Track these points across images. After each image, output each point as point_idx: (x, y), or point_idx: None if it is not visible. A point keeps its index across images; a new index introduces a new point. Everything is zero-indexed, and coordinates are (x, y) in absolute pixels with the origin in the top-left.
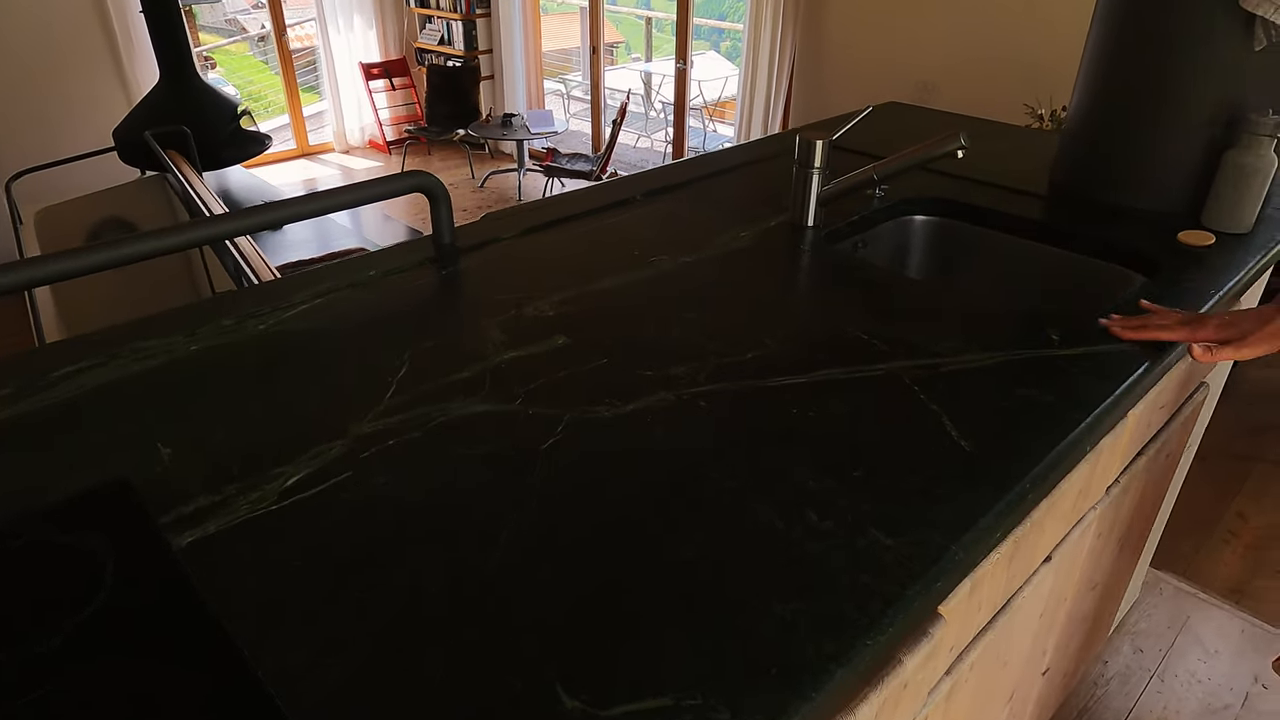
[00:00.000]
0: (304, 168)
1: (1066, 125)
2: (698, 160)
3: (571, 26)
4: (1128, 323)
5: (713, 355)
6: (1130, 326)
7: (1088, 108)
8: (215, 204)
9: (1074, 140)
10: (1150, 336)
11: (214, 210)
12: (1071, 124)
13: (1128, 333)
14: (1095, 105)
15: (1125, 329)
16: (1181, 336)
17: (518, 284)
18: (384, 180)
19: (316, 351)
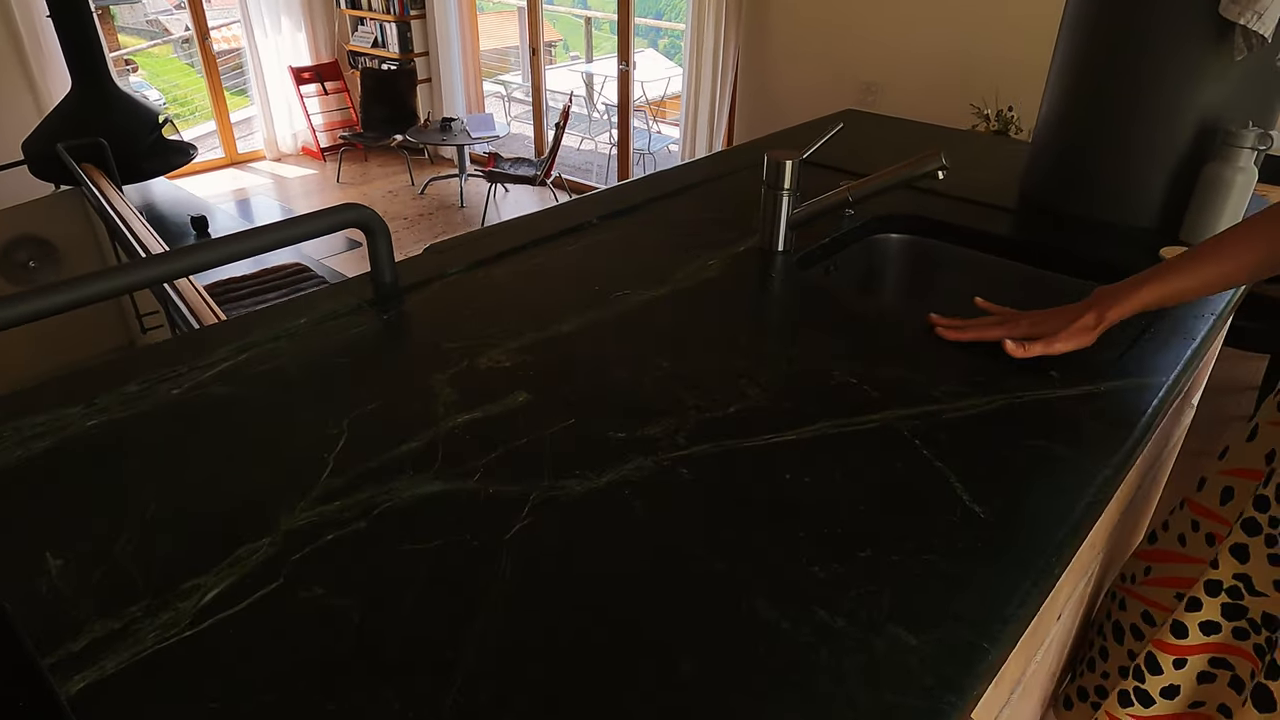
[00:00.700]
0: (233, 177)
1: (1036, 135)
2: (654, 178)
3: (508, 25)
4: (951, 324)
5: (691, 410)
6: (954, 328)
7: (1059, 117)
8: (136, 221)
9: (1044, 151)
10: (971, 337)
11: (135, 227)
12: (1041, 134)
13: (951, 334)
14: (1066, 114)
15: (949, 330)
16: (997, 334)
17: (469, 329)
18: (315, 216)
19: (240, 422)
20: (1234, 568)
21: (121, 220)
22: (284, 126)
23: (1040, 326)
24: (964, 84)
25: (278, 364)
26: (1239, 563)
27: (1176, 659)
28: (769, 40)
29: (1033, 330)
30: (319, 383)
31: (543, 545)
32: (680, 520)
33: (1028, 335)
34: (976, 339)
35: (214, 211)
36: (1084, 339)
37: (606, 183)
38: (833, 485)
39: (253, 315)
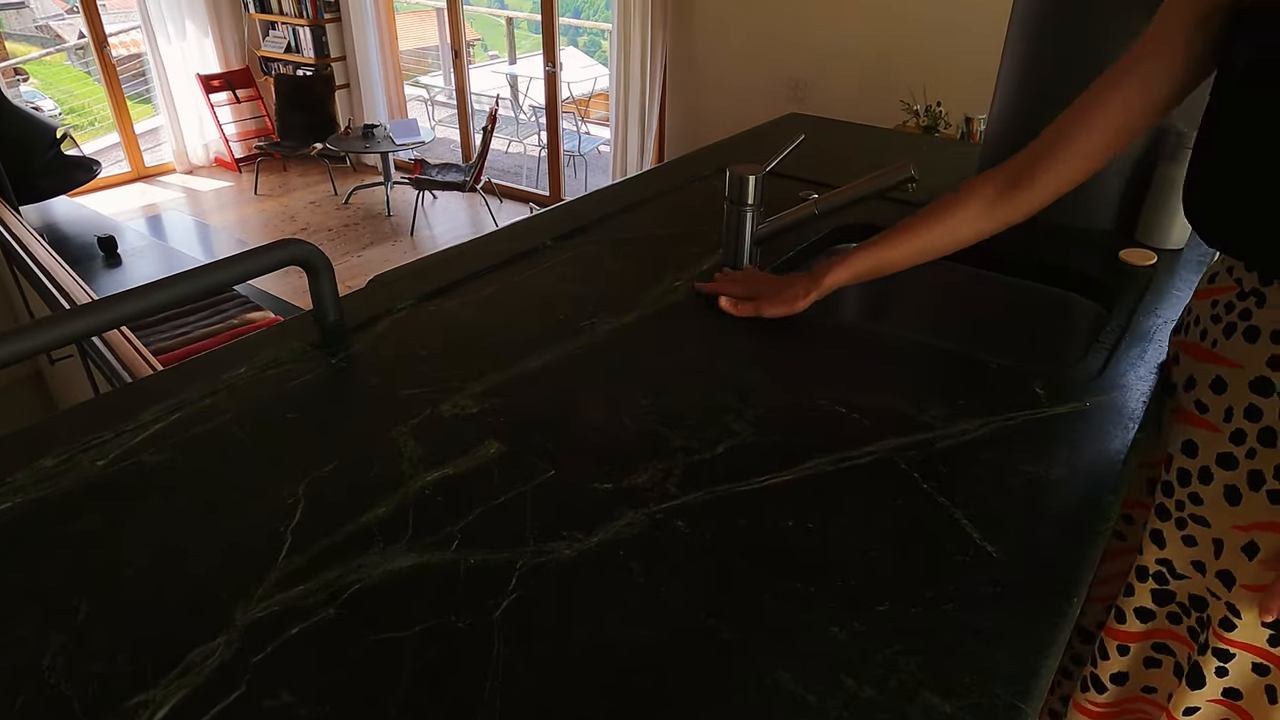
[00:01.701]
0: (142, 192)
1: (987, 136)
2: (605, 193)
3: (427, 25)
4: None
5: (679, 452)
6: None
7: (1008, 120)
8: (36, 244)
9: (996, 153)
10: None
11: (35, 252)
12: (993, 136)
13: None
14: (1016, 118)
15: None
16: (727, 289)
17: (427, 372)
18: (251, 255)
19: (179, 496)
20: (1155, 553)
21: (20, 244)
22: (194, 137)
23: (758, 288)
24: (891, 80)
25: (218, 423)
26: (1158, 548)
27: (1120, 644)
28: (696, 38)
29: (751, 291)
30: (267, 443)
31: (536, 622)
32: (682, 583)
33: (742, 295)
34: (715, 290)
35: (123, 230)
36: (794, 305)
37: (538, 186)
38: (836, 531)
39: (185, 367)
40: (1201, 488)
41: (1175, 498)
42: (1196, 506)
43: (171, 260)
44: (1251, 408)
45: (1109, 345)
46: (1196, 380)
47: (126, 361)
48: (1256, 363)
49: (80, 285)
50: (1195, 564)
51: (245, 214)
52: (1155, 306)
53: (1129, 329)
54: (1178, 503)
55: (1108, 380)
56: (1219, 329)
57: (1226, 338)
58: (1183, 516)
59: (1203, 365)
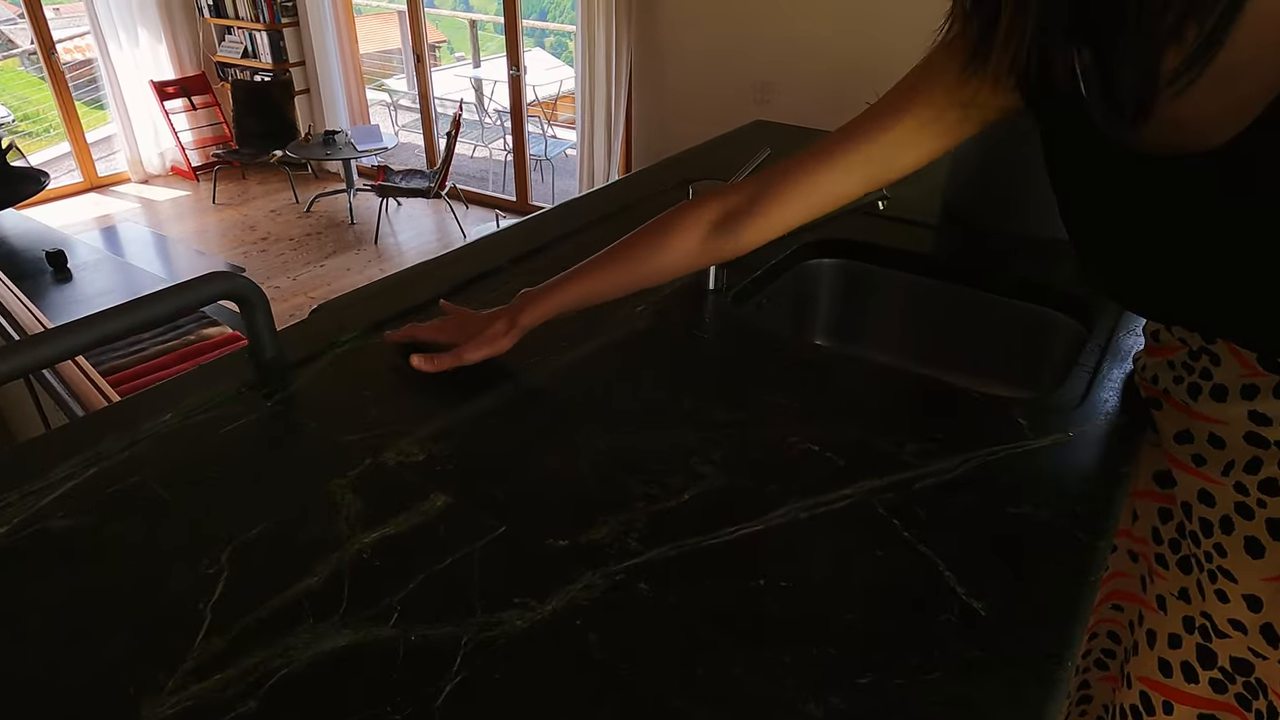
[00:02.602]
0: (95, 203)
1: (959, 147)
2: (564, 210)
3: (389, 27)
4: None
5: (640, 500)
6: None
7: None
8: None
9: (965, 162)
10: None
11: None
12: (964, 146)
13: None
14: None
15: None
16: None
17: (371, 414)
18: (179, 290)
19: (88, 567)
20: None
21: None
22: (149, 145)
23: (455, 334)
24: (857, 83)
25: (136, 479)
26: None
27: (1166, 701)
28: (661, 40)
29: (450, 337)
30: (190, 502)
31: (481, 710)
32: (647, 655)
33: (445, 339)
34: (407, 338)
35: (73, 244)
36: (496, 346)
37: (504, 191)
38: (813, 589)
39: (102, 415)
40: (1224, 538)
41: (1203, 549)
42: (1222, 559)
43: (125, 274)
44: (1253, 461)
45: (1090, 368)
46: (1193, 435)
47: (70, 381)
48: (1239, 419)
49: (23, 303)
50: (1233, 622)
51: (204, 224)
52: (1134, 324)
53: (1109, 349)
54: (1205, 554)
55: (1090, 408)
56: (1183, 389)
57: (1193, 399)
58: (1212, 569)
59: (1193, 420)
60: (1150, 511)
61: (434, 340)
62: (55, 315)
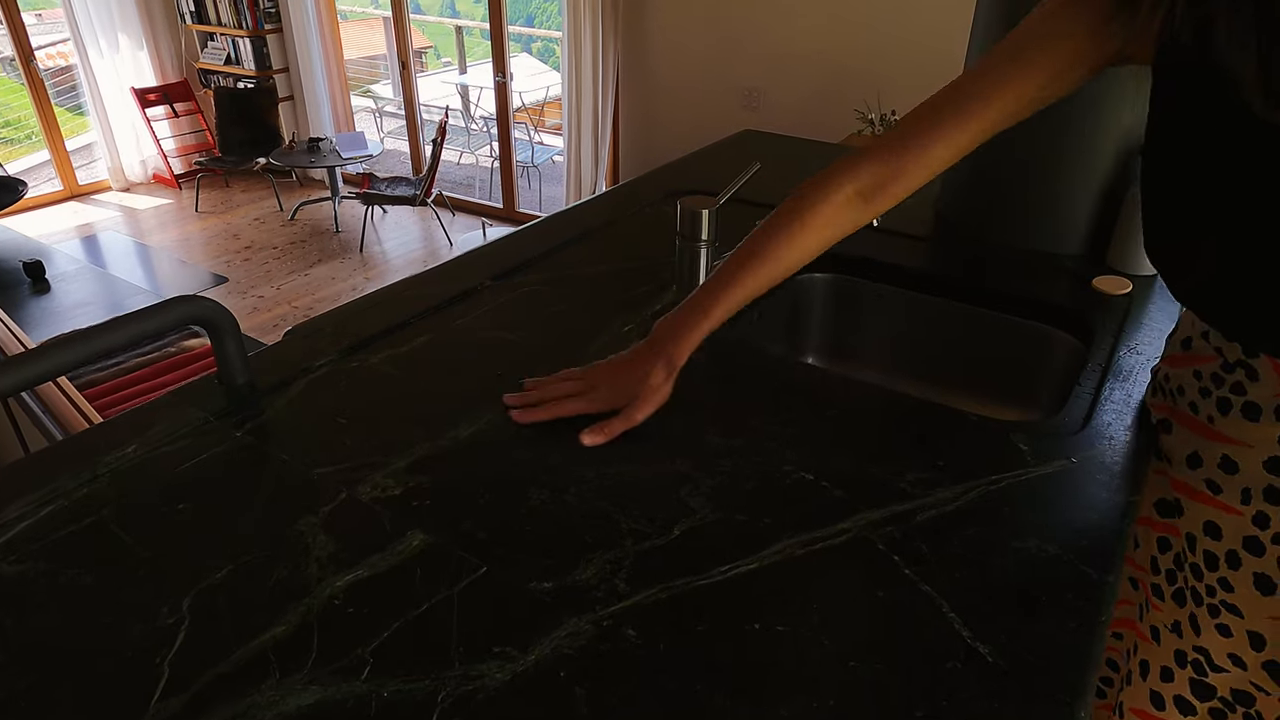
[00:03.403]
0: (75, 212)
1: None
2: (548, 224)
3: (374, 33)
4: (524, 401)
5: (629, 537)
6: (528, 408)
7: None
8: None
9: (961, 176)
10: (549, 415)
11: None
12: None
13: (527, 416)
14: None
15: (525, 413)
16: (575, 409)
17: (345, 445)
18: (145, 315)
19: (36, 619)
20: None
21: None
22: (130, 153)
23: (611, 397)
24: (844, 88)
25: (92, 520)
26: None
27: None
28: (648, 46)
29: (607, 403)
30: (150, 543)
31: None
32: (635, 712)
33: (605, 407)
34: (555, 416)
35: (52, 254)
36: (661, 396)
37: (491, 198)
38: (810, 635)
39: (60, 447)
40: (1230, 573)
41: (1205, 582)
42: (1227, 593)
43: (105, 285)
44: (1270, 489)
45: (1091, 390)
46: (1202, 458)
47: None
48: (1268, 442)
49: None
50: (1233, 657)
51: (187, 232)
52: (1134, 341)
53: (1109, 368)
54: (1208, 588)
55: (1093, 432)
56: (1210, 404)
57: (1223, 414)
58: (1215, 604)
59: (1206, 442)
60: (1150, 539)
61: (586, 412)
62: (32, 327)
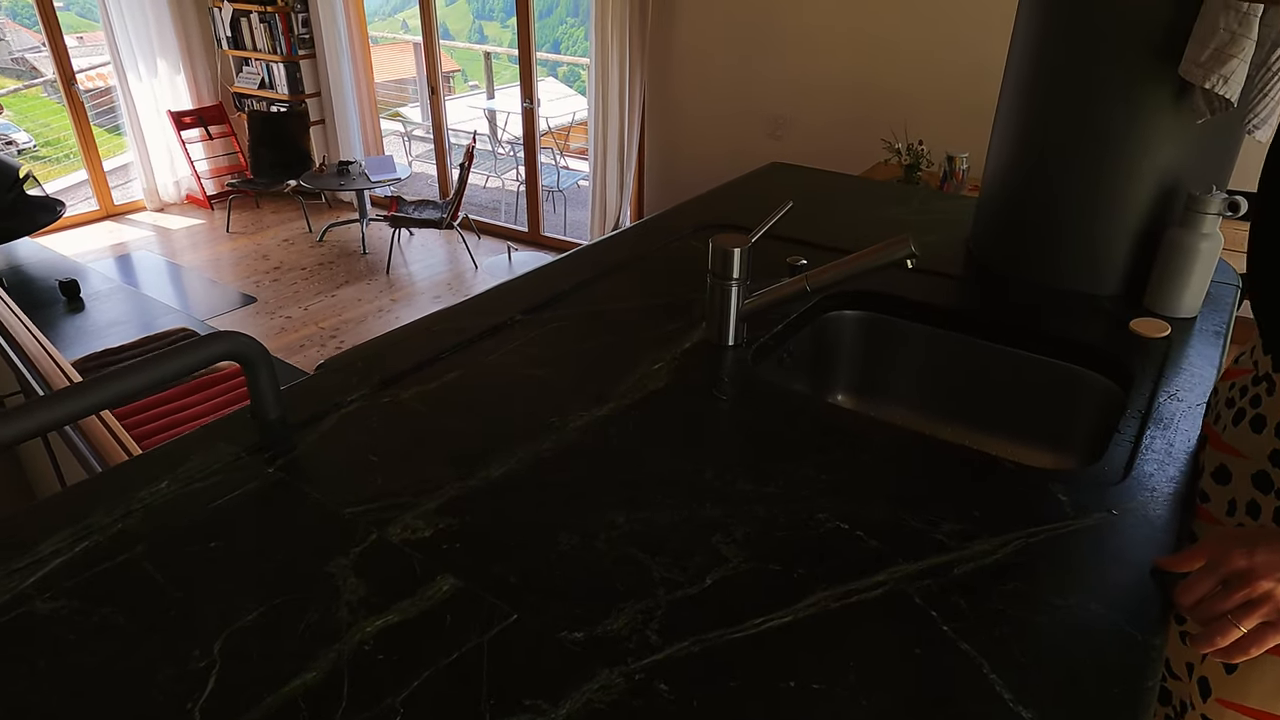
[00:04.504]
0: (110, 231)
1: (984, 190)
2: (577, 258)
3: (404, 56)
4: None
5: (660, 586)
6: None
7: (1006, 172)
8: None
9: (994, 212)
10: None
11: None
12: (990, 192)
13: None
14: (1016, 171)
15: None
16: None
17: (376, 483)
18: (182, 352)
19: (69, 658)
20: None
21: None
22: (165, 174)
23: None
24: (871, 117)
25: (125, 557)
26: None
27: None
28: (674, 74)
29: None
30: (183, 582)
31: None
32: None
33: None
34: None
35: (87, 273)
36: None
37: (516, 222)
38: (846, 695)
39: (96, 482)
40: None
41: None
42: None
43: (136, 303)
44: (1252, 503)
45: (1130, 437)
46: (1204, 466)
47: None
48: (1259, 454)
49: (34, 335)
50: (1188, 665)
51: (217, 253)
52: (1174, 387)
53: (1150, 415)
54: None
55: (1135, 483)
56: (1231, 414)
57: (1234, 424)
58: None
59: (1212, 451)
60: None
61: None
62: (66, 345)
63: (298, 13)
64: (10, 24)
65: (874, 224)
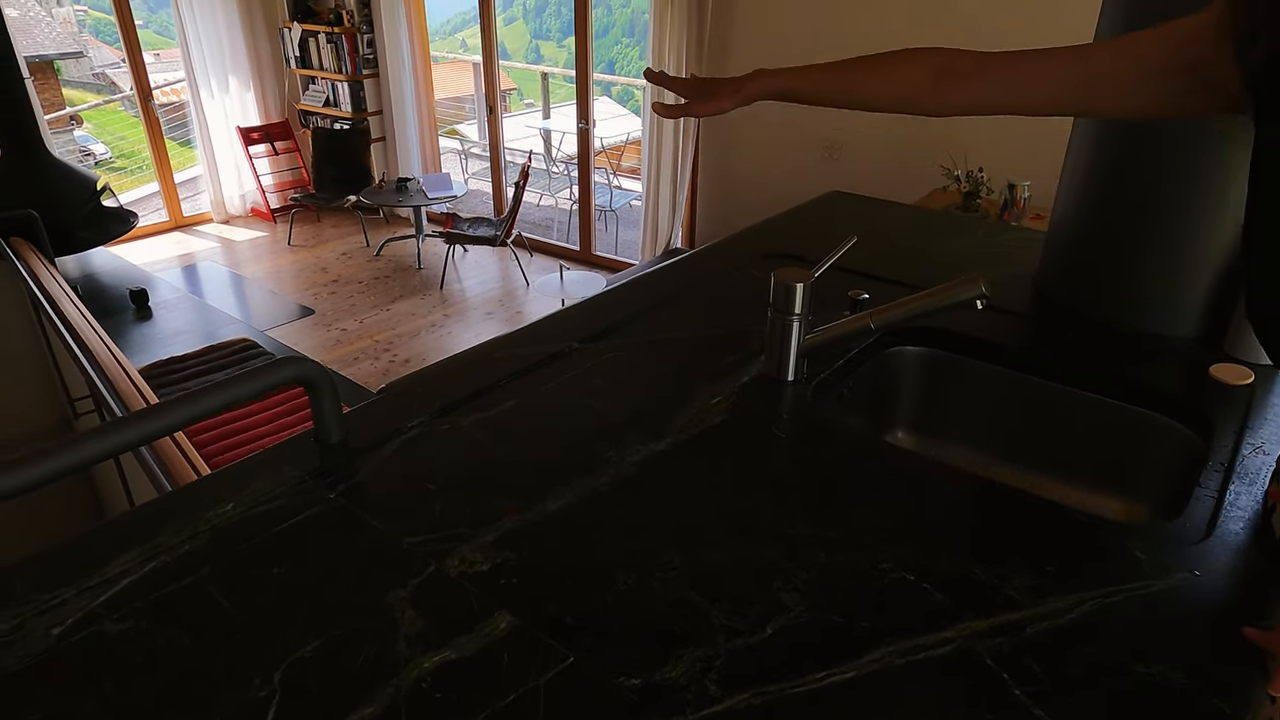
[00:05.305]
0: (178, 241)
1: (1054, 225)
2: (637, 284)
3: (463, 74)
4: None
5: (720, 632)
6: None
7: (1080, 203)
8: (65, 298)
9: (1064, 246)
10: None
11: (62, 305)
12: (1061, 225)
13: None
14: (1090, 203)
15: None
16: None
17: (435, 513)
18: (250, 377)
19: (138, 678)
20: None
21: (49, 298)
22: (232, 187)
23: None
24: (929, 142)
25: (192, 580)
26: None
27: None
28: None
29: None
30: (246, 608)
31: None
32: None
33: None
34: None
35: (155, 282)
36: (719, 105)
37: (569, 240)
38: None
39: (164, 502)
40: None
41: None
42: None
43: (200, 313)
44: None
45: (1213, 492)
46: None
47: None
48: None
49: (104, 342)
50: None
51: (278, 265)
52: (1259, 438)
53: (1233, 469)
54: None
55: (1218, 541)
56: None
57: None
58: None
59: None
60: None
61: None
62: (134, 353)
63: (363, 33)
64: (93, 41)
65: (937, 257)
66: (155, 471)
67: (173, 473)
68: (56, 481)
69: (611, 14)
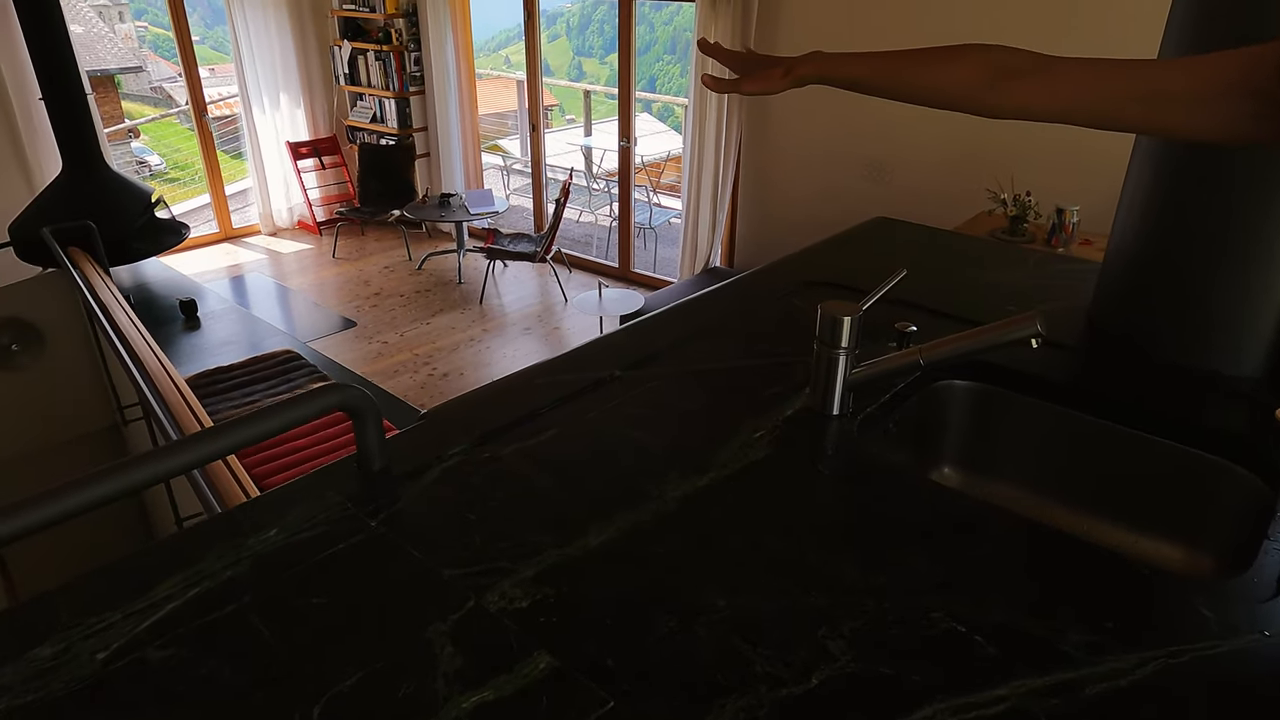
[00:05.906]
0: (227, 253)
1: (1110, 256)
2: (677, 311)
3: (506, 90)
4: None
5: (763, 680)
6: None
7: (1139, 234)
8: (118, 308)
9: (1120, 275)
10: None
11: (115, 315)
12: (1118, 254)
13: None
14: (1150, 234)
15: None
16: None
17: (475, 545)
18: (297, 403)
19: (179, 709)
20: None
21: (102, 307)
22: (280, 200)
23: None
24: (975, 164)
25: (234, 608)
26: None
27: None
28: (773, 115)
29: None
30: (286, 638)
31: None
32: None
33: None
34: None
35: (204, 293)
36: (769, 85)
37: (607, 257)
38: None
39: (207, 527)
40: None
41: None
42: None
43: (246, 324)
44: None
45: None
46: None
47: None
48: None
49: (153, 351)
50: None
51: (323, 277)
52: None
53: None
54: None
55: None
56: None
57: None
58: None
59: None
60: None
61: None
62: (181, 362)
63: (410, 51)
64: (152, 55)
65: (987, 288)
66: (203, 488)
67: (219, 489)
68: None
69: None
